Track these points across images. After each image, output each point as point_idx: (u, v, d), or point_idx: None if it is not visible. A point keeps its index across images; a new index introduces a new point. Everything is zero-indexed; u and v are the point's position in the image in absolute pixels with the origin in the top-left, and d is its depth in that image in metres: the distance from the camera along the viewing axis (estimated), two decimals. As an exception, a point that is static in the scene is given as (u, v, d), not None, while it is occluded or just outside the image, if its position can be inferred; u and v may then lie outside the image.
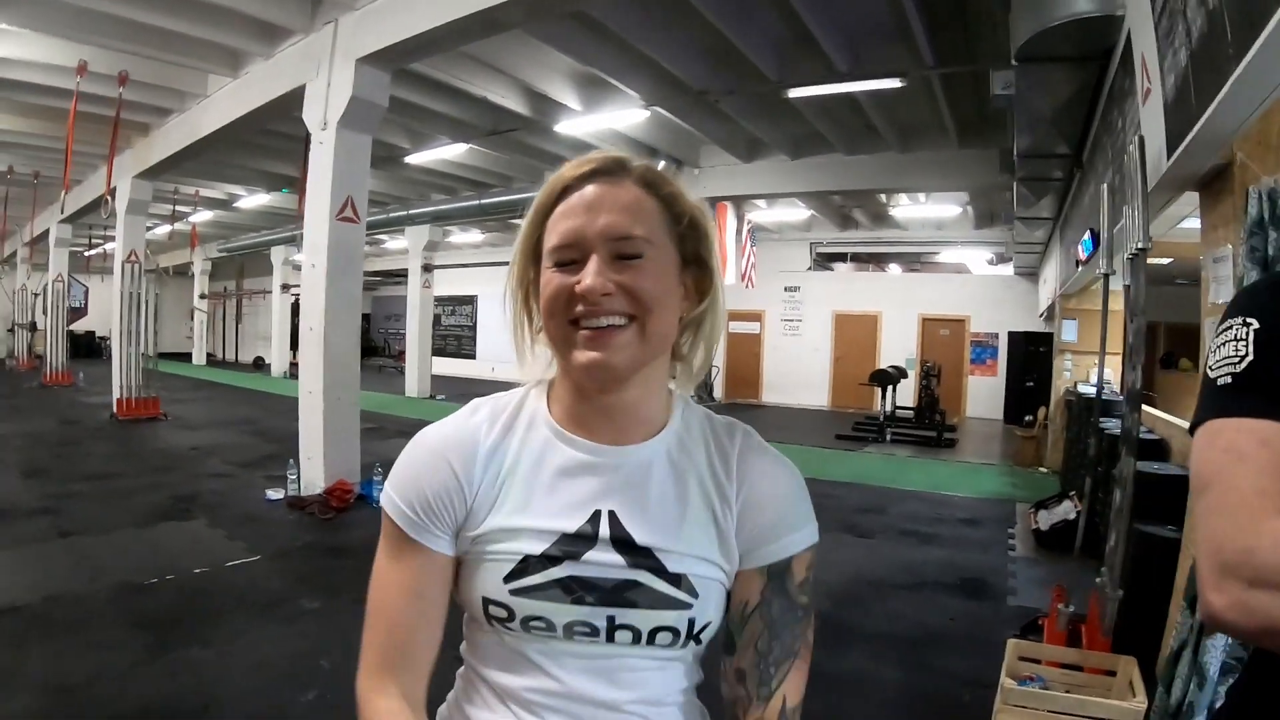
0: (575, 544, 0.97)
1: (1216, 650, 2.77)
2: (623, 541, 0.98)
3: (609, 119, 10.06)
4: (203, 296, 25.51)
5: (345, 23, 7.07)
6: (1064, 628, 3.87)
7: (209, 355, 27.18)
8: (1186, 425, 1.01)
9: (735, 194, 13.60)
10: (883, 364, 15.24)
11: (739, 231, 14.68)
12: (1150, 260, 4.57)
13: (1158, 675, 3.35)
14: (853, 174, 11.83)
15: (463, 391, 18.23)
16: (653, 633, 0.98)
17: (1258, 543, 0.81)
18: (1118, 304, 4.89)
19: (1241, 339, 0.94)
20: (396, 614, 1.03)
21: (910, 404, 14.26)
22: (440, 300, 21.82)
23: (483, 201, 14.44)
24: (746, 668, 1.05)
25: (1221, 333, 0.98)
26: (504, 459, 1.02)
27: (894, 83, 8.01)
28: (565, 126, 10.26)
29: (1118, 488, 3.81)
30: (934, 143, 10.68)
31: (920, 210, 15.19)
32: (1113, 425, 5.25)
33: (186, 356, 25.51)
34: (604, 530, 0.98)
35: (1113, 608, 3.57)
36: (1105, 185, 4.64)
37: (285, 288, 22.71)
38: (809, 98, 8.99)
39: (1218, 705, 2.82)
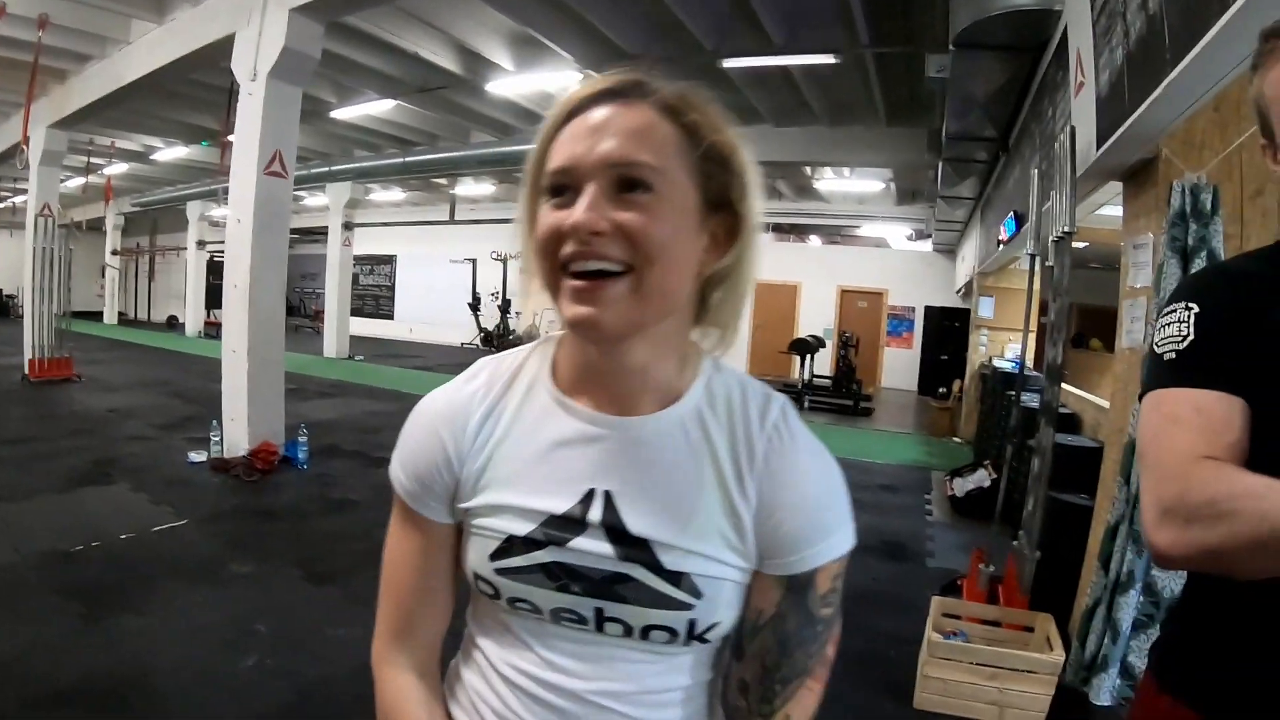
0: (562, 527, 0.88)
1: (1129, 607, 3.02)
2: (615, 529, 0.88)
3: (541, 80, 9.97)
4: (115, 253, 24.40)
5: (279, -31, 6.86)
6: (984, 587, 4.13)
7: (121, 314, 26.12)
8: (1098, 401, 1.22)
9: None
10: (801, 333, 15.54)
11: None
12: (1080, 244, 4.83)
13: (1072, 631, 3.60)
14: (781, 146, 11.89)
15: (380, 352, 18.31)
16: (645, 629, 0.89)
17: (1188, 487, 0.99)
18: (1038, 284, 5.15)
19: (1184, 321, 1.13)
20: (403, 585, 1.01)
21: (828, 373, 14.59)
22: (359, 259, 21.45)
23: (407, 159, 14.20)
24: (750, 681, 0.96)
25: (1166, 315, 1.16)
26: (494, 428, 0.94)
27: (829, 59, 8.13)
28: (496, 86, 10.13)
29: (1036, 457, 4.05)
30: (863, 119, 10.84)
31: (844, 184, 15.46)
32: (1030, 399, 5.53)
33: (98, 315, 24.41)
34: (595, 514, 0.88)
35: (1030, 568, 3.82)
36: (1035, 170, 4.86)
37: (201, 244, 22.00)
38: (744, 69, 9.08)
39: (1128, 657, 3.08)
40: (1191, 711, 1.14)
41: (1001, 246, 7.71)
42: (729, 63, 8.71)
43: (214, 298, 20.19)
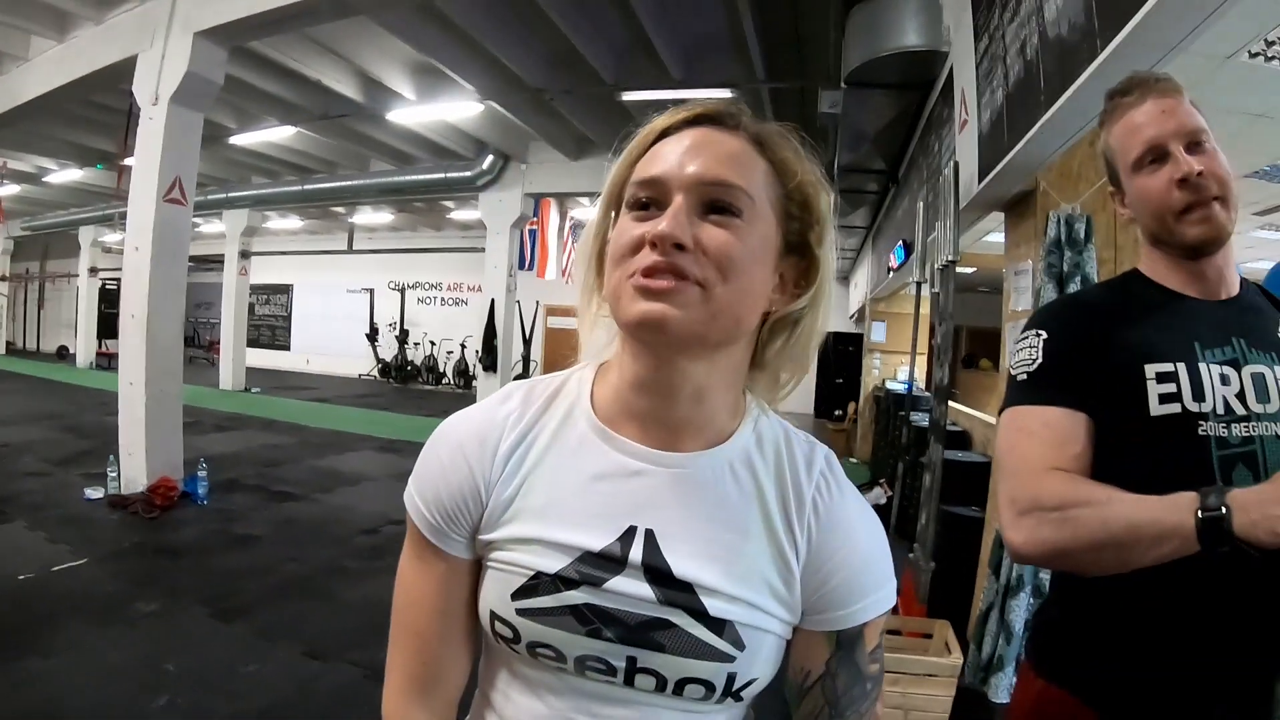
0: (599, 565, 0.82)
1: (1020, 609, 3.21)
2: (657, 570, 0.82)
3: (442, 110, 10.00)
4: (3, 279, 23.22)
5: (185, -8, 6.76)
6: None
7: (9, 344, 24.79)
8: (987, 418, 1.42)
9: (560, 191, 13.56)
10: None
11: (561, 228, 14.79)
12: (957, 269, 5.06)
13: (969, 635, 3.79)
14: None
15: (277, 384, 17.85)
16: (680, 683, 0.82)
17: (1040, 492, 1.18)
18: (926, 309, 5.41)
19: (1034, 346, 1.33)
20: (423, 630, 0.91)
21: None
22: (255, 289, 20.85)
23: (306, 187, 14.00)
24: None
25: (1021, 341, 1.37)
26: (527, 455, 0.88)
27: (725, 93, 8.34)
28: (397, 115, 10.12)
29: (927, 473, 4.26)
30: (759, 151, 11.11)
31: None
32: (920, 418, 5.77)
33: (-17, 346, 23.34)
34: (636, 553, 0.82)
35: (926, 578, 4.01)
36: (921, 202, 5.12)
37: (94, 271, 21.06)
38: (642, 101, 9.26)
39: (1023, 658, 3.28)
40: (1064, 692, 1.30)
41: (891, 273, 8.05)
42: (628, 96, 8.87)
43: (107, 327, 19.45)
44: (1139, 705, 1.22)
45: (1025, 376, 1.32)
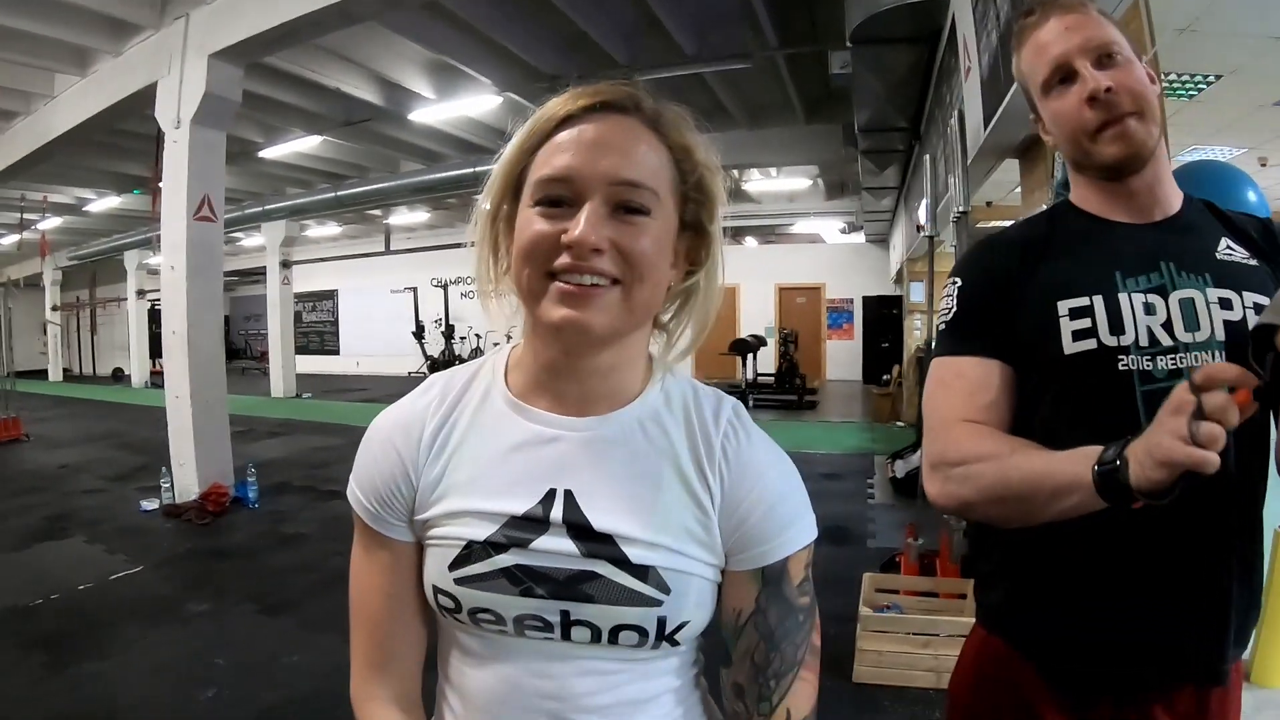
0: (523, 528, 0.86)
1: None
2: (578, 526, 0.86)
3: (462, 106, 10.03)
4: (55, 308, 23.80)
5: (196, 18, 6.90)
6: (915, 560, 4.27)
7: (65, 370, 25.39)
8: None
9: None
10: (742, 333, 15.72)
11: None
12: (993, 223, 4.94)
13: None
14: (702, 152, 11.99)
15: (328, 388, 18.11)
16: (614, 631, 0.86)
17: (946, 446, 1.18)
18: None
19: (950, 295, 1.30)
20: (375, 613, 0.96)
21: (771, 370, 14.77)
22: (300, 296, 21.21)
23: (339, 194, 14.12)
24: (744, 682, 0.95)
25: (945, 290, 1.33)
26: (450, 437, 0.92)
27: (740, 64, 8.29)
28: (419, 115, 10.16)
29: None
30: (782, 119, 10.96)
31: (773, 184, 15.64)
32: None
33: (42, 373, 23.83)
34: (557, 512, 0.86)
35: (959, 538, 3.96)
36: (928, 157, 5.03)
37: (141, 293, 21.50)
38: (658, 80, 9.19)
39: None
40: (1001, 642, 1.28)
41: (921, 232, 7.90)
42: (643, 76, 8.81)
43: (158, 346, 19.78)
44: (1074, 657, 1.20)
45: (943, 326, 1.29)
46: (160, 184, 7.54)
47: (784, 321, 17.44)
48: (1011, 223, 1.63)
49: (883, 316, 16.47)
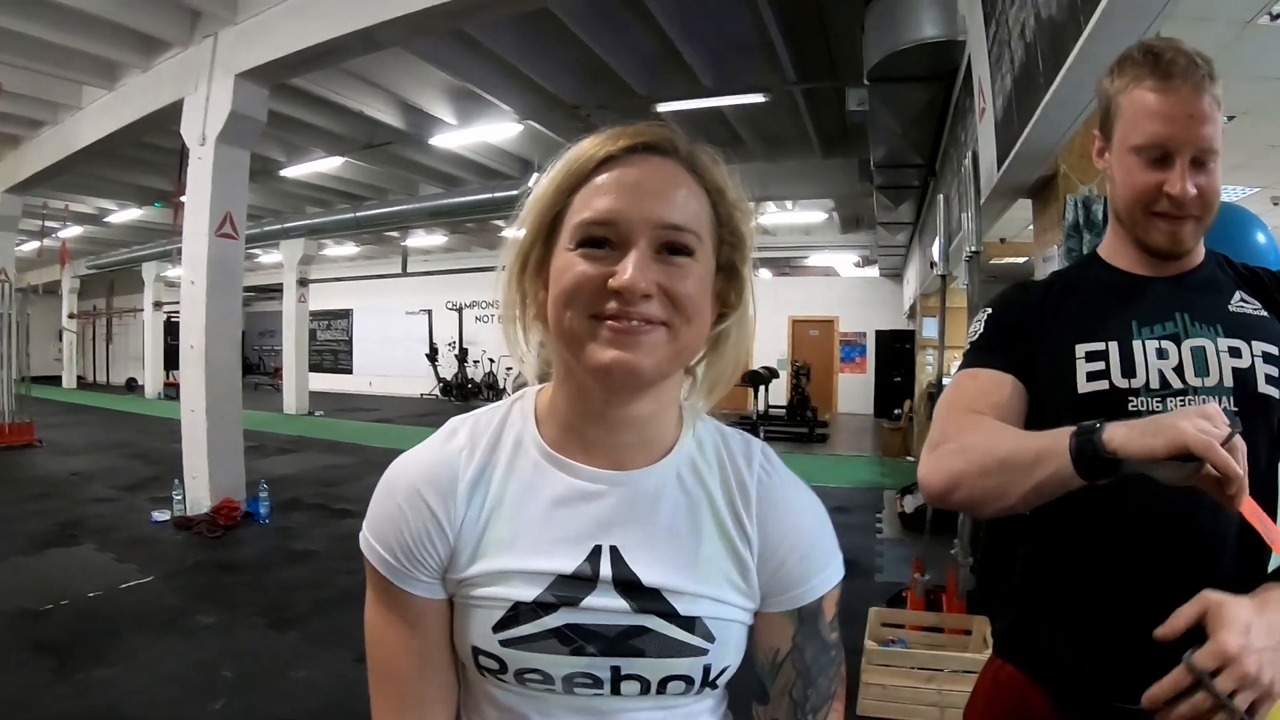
0: (572, 587, 0.85)
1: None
2: (627, 583, 0.85)
3: (483, 132, 10.16)
4: (72, 316, 24.06)
5: (225, 37, 7.02)
6: (922, 595, 4.27)
7: (80, 378, 25.70)
8: None
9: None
10: (755, 366, 15.73)
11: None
12: (1005, 260, 4.94)
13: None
14: (719, 184, 12.03)
15: (340, 407, 18.17)
16: (663, 682, 0.87)
17: (948, 428, 1.24)
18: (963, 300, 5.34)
19: (980, 321, 1.40)
20: (402, 674, 0.91)
21: (782, 403, 14.76)
22: (315, 315, 21.36)
23: (358, 214, 14.26)
24: (783, 718, 0.96)
25: (975, 319, 1.42)
26: (488, 491, 0.89)
27: (758, 97, 8.36)
28: (440, 139, 10.31)
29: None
30: (799, 153, 11.05)
31: (788, 217, 15.70)
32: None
33: (56, 380, 24.06)
34: (605, 570, 0.85)
35: (964, 574, 3.96)
36: (942, 195, 5.06)
37: (158, 305, 21.71)
38: (677, 111, 9.27)
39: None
40: (1014, 670, 1.33)
41: (934, 268, 7.92)
42: (662, 107, 8.87)
43: (173, 358, 19.86)
44: (1083, 681, 1.23)
45: (968, 347, 1.39)
46: (182, 198, 7.65)
47: (796, 354, 17.40)
48: (1025, 259, 1.73)
49: (895, 351, 16.47)
